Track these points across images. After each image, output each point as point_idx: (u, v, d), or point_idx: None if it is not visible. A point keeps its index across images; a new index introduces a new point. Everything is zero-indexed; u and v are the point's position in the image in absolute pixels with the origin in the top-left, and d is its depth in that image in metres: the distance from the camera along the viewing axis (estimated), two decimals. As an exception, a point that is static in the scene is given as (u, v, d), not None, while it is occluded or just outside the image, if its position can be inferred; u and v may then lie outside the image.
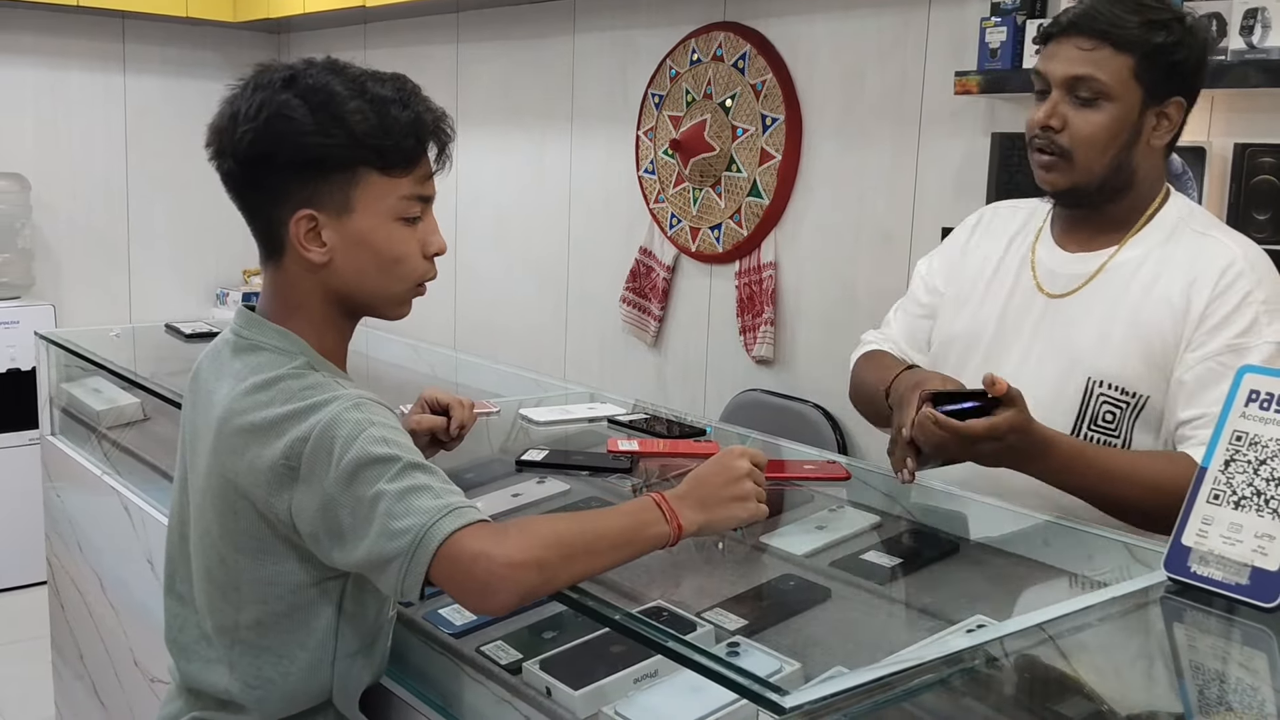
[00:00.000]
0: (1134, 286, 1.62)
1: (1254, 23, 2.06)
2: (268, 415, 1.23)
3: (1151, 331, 1.59)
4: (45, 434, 2.85)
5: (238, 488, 1.25)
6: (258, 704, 1.32)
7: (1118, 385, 1.60)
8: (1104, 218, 1.67)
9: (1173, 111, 1.61)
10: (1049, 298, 1.68)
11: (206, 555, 1.32)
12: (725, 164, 3.13)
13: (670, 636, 1.13)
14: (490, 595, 1.12)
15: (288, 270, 1.31)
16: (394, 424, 1.23)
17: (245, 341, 1.32)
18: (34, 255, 4.41)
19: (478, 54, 4.01)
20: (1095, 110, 1.58)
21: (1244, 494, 1.29)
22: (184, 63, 4.71)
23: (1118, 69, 1.57)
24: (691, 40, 3.22)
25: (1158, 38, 1.56)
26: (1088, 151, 1.59)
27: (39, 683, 3.08)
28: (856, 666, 1.11)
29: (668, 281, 3.37)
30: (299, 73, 1.26)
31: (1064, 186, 1.63)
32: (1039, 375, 1.64)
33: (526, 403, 2.25)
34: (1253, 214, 2.14)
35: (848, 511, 1.71)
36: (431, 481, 1.17)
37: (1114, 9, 1.57)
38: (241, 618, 1.30)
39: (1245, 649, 1.29)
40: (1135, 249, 1.65)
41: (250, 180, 1.28)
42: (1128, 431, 1.61)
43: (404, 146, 1.27)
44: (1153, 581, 1.34)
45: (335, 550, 1.20)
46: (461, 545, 1.12)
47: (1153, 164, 1.65)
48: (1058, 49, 1.61)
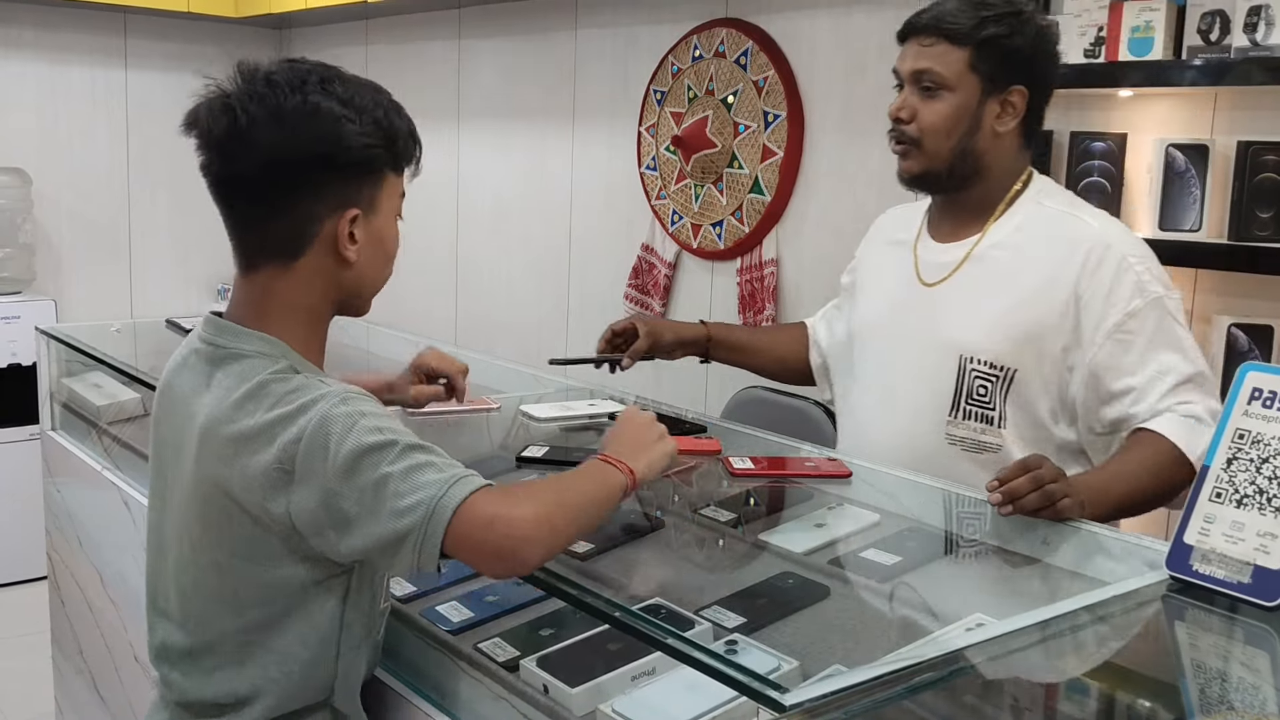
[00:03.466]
0: (1000, 267, 1.76)
1: (1258, 20, 2.05)
2: (257, 422, 1.23)
3: (1021, 308, 1.72)
4: (46, 429, 2.85)
5: (230, 495, 1.25)
6: (257, 704, 1.31)
7: (987, 360, 1.73)
8: (966, 205, 1.81)
9: (1016, 100, 1.75)
10: (925, 287, 1.83)
11: (196, 566, 1.31)
12: (727, 160, 3.13)
13: (669, 633, 1.13)
14: (511, 556, 1.16)
15: (302, 270, 1.31)
16: (383, 412, 1.25)
17: (223, 351, 1.31)
18: (35, 250, 4.41)
19: (479, 50, 4.01)
20: (937, 100, 1.74)
21: (1246, 492, 1.29)
22: (185, 58, 4.70)
23: (954, 61, 1.72)
24: (694, 36, 3.21)
25: (989, 30, 1.71)
26: (933, 138, 1.75)
27: (39, 678, 3.07)
28: (855, 665, 1.10)
29: (669, 278, 3.37)
30: (309, 71, 1.28)
31: (917, 172, 1.79)
32: (920, 359, 1.80)
33: (527, 399, 2.25)
34: (1256, 212, 2.13)
35: (847, 509, 1.71)
36: (433, 458, 1.19)
37: (951, 8, 1.73)
38: (243, 622, 1.29)
39: (1247, 648, 1.29)
40: (999, 232, 1.78)
41: (279, 182, 1.27)
42: (1001, 404, 1.74)
43: (410, 148, 1.35)
44: (1154, 580, 1.34)
45: (343, 541, 1.20)
46: (476, 510, 1.15)
47: (1003, 150, 1.77)
48: (906, 48, 1.78)
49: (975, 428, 1.75)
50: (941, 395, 1.77)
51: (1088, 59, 2.26)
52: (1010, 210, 1.79)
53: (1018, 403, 1.73)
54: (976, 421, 1.75)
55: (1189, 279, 2.29)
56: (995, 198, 1.80)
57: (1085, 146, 2.34)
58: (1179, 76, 2.15)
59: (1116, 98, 2.37)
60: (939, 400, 1.77)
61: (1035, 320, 1.71)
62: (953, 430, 1.77)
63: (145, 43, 4.67)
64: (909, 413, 1.82)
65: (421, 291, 4.31)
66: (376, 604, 1.38)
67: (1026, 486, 1.47)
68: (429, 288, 4.28)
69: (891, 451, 1.82)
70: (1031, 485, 1.47)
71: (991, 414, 1.74)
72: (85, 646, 2.57)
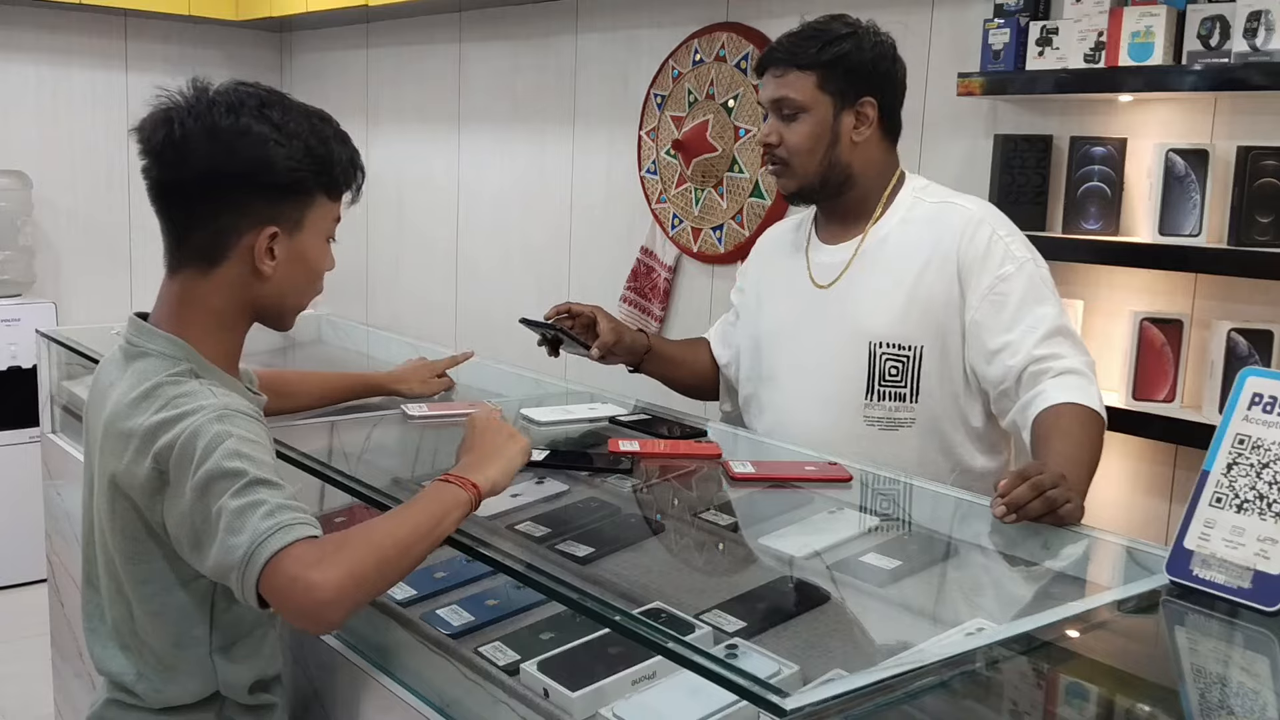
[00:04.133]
0: (890, 258, 1.91)
1: (1257, 25, 2.05)
2: (144, 422, 1.29)
3: (918, 288, 1.88)
4: (46, 432, 2.85)
5: (119, 489, 1.32)
6: (146, 696, 1.39)
7: (894, 343, 1.89)
8: (847, 209, 1.98)
9: (867, 110, 1.91)
10: (819, 289, 1.98)
11: (105, 550, 1.40)
12: (727, 165, 3.13)
13: (670, 637, 1.13)
14: (312, 617, 1.17)
15: (219, 279, 1.38)
16: (252, 437, 1.28)
17: (135, 349, 1.39)
18: (35, 253, 4.41)
19: (480, 53, 4.01)
20: (798, 123, 1.90)
21: (1246, 497, 1.29)
22: (186, 61, 4.71)
23: (805, 86, 1.89)
24: (694, 41, 3.21)
25: (830, 52, 1.88)
26: (799, 158, 1.91)
27: (38, 681, 3.07)
28: (856, 669, 1.10)
29: (669, 282, 3.37)
30: (267, 99, 1.35)
31: (793, 189, 1.96)
32: (831, 354, 1.94)
33: (527, 402, 2.25)
34: (1255, 217, 2.13)
35: (847, 514, 1.71)
36: (270, 497, 1.21)
37: (794, 40, 1.91)
38: (126, 611, 1.38)
39: (1247, 653, 1.29)
40: (883, 228, 1.95)
41: (211, 192, 1.35)
42: (912, 381, 1.89)
43: (346, 175, 1.42)
44: (1154, 585, 1.34)
45: (192, 557, 1.27)
46: (282, 567, 1.16)
47: (868, 155, 1.94)
48: (765, 80, 1.94)
49: (890, 406, 1.91)
50: (855, 381, 1.91)
51: (1088, 64, 2.26)
52: (891, 208, 1.96)
53: (928, 377, 1.89)
54: (891, 401, 1.91)
55: (1189, 284, 2.29)
56: (873, 199, 1.97)
57: (1085, 151, 2.35)
58: (1179, 81, 2.15)
59: (1116, 103, 2.37)
60: (854, 386, 1.91)
61: (930, 297, 1.88)
62: (869, 412, 1.92)
63: (146, 45, 4.67)
64: (826, 402, 1.95)
65: (422, 293, 4.31)
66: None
67: (1028, 494, 1.49)
68: (429, 290, 4.28)
69: (812, 439, 1.92)
70: (1033, 492, 1.49)
71: (903, 391, 1.90)
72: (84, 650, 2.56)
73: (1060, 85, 2.30)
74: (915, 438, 1.91)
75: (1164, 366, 2.27)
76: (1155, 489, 2.36)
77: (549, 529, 1.56)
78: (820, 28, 1.91)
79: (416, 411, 2.07)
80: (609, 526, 1.60)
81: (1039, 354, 1.79)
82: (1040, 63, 2.34)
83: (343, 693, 1.51)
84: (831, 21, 1.93)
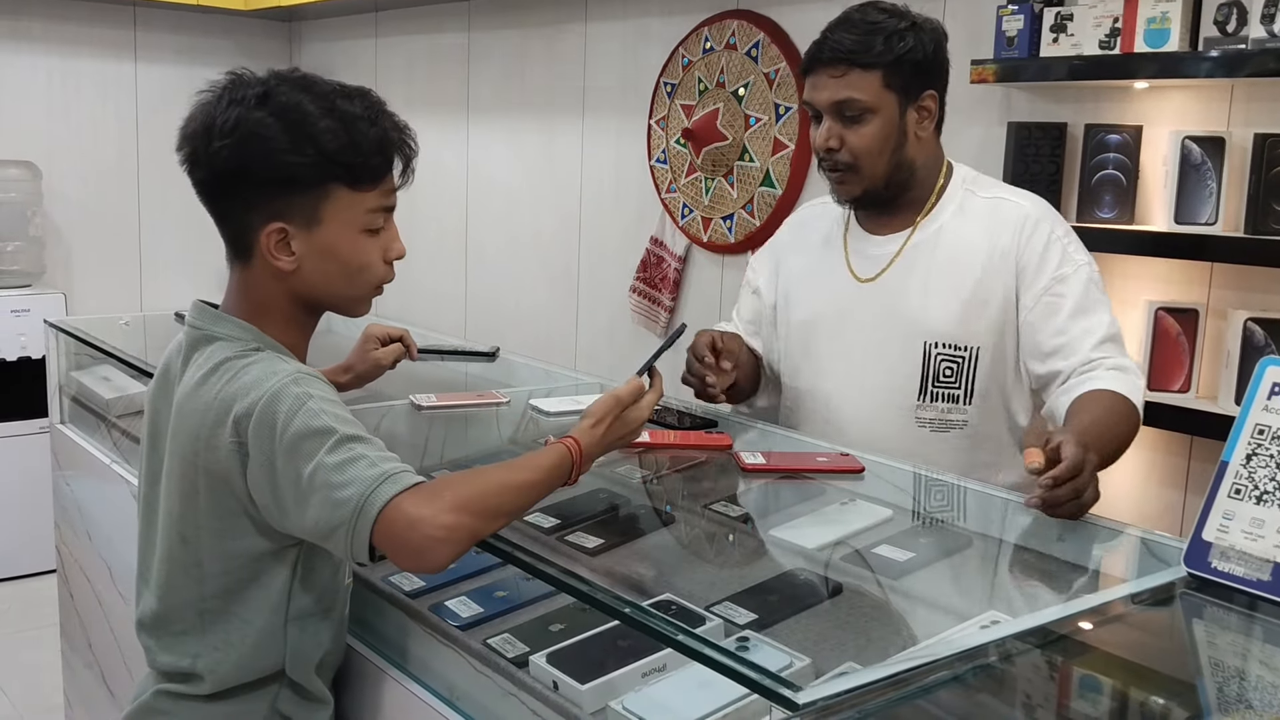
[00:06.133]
0: (945, 254, 1.85)
1: (1275, 11, 2.02)
2: (218, 394, 1.30)
3: (971, 290, 1.82)
4: (55, 422, 2.85)
5: (198, 467, 1.32)
6: (206, 675, 1.37)
7: (951, 343, 1.83)
8: (899, 202, 1.88)
9: (929, 103, 1.84)
10: (861, 282, 1.90)
11: (169, 537, 1.38)
12: (738, 153, 3.11)
13: (680, 630, 1.12)
14: (426, 554, 1.20)
15: (255, 273, 1.37)
16: (332, 397, 1.29)
17: (201, 333, 1.39)
18: (45, 243, 4.41)
19: (489, 42, 3.99)
20: (864, 125, 1.80)
21: (1266, 489, 1.27)
22: (195, 51, 4.70)
23: (870, 85, 1.78)
24: (704, 28, 3.19)
25: (895, 50, 1.77)
26: (868, 160, 1.82)
27: (48, 671, 3.08)
28: (868, 663, 1.09)
29: (679, 272, 3.35)
30: (272, 89, 1.32)
31: (858, 194, 1.86)
32: (881, 351, 1.87)
33: (537, 393, 2.24)
34: (1273, 205, 2.11)
35: (860, 505, 1.69)
36: (367, 451, 1.23)
37: (850, 35, 1.78)
38: (203, 591, 1.36)
39: (1266, 646, 1.27)
40: (934, 222, 1.88)
41: (223, 190, 1.35)
42: (967, 383, 1.84)
43: (372, 163, 1.35)
44: (1172, 577, 1.32)
45: (286, 520, 1.27)
46: (400, 510, 1.19)
47: (927, 151, 1.87)
48: (816, 80, 1.82)
49: (942, 408, 1.85)
50: (909, 380, 1.85)
51: (1103, 50, 2.24)
52: (942, 201, 1.89)
53: (983, 379, 1.83)
54: (944, 402, 1.85)
55: (1204, 273, 2.27)
56: (926, 191, 1.89)
57: (1100, 139, 2.32)
58: (1195, 68, 2.13)
59: (1132, 90, 2.34)
60: (907, 385, 1.85)
61: (989, 297, 1.82)
62: (921, 413, 1.86)
63: (155, 36, 4.67)
64: (876, 399, 1.88)
65: (431, 283, 4.30)
66: (338, 578, 1.43)
67: (1067, 496, 1.46)
68: (438, 279, 4.27)
69: (861, 435, 1.88)
70: (1071, 497, 1.46)
71: (958, 392, 1.84)
72: (94, 639, 2.56)
73: (1075, 72, 2.28)
74: (965, 439, 1.85)
75: (1179, 356, 2.25)
76: (1170, 480, 2.34)
77: (558, 520, 1.56)
78: (875, 22, 1.79)
79: (425, 402, 2.07)
80: (619, 518, 1.59)
81: (1094, 357, 1.76)
82: (1055, 49, 2.31)
83: (352, 684, 1.50)
84: (880, 13, 1.80)
